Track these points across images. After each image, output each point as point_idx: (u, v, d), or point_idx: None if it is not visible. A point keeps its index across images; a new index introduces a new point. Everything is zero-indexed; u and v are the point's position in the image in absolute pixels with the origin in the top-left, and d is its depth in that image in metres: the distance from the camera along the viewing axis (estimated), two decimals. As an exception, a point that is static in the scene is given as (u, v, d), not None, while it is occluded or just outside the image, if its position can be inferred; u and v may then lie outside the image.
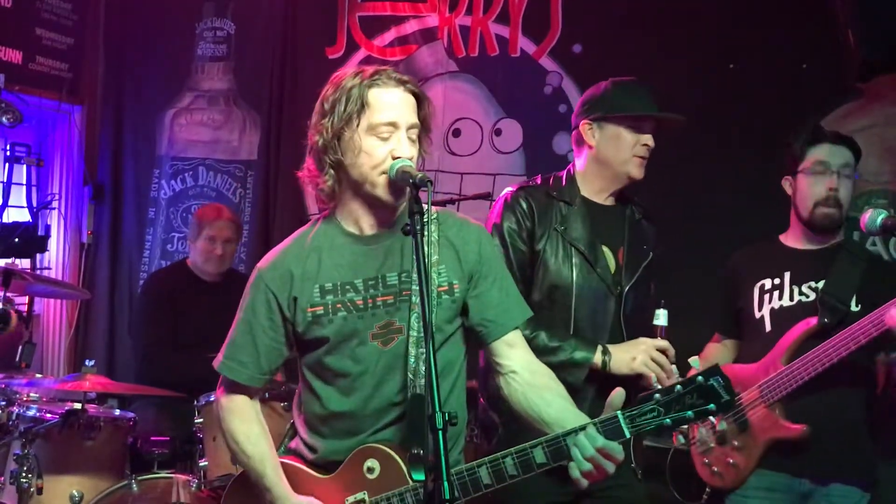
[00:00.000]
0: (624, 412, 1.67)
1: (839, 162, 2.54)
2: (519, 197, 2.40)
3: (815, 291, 2.55)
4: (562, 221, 2.38)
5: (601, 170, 2.42)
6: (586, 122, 2.42)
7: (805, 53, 3.61)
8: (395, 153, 1.81)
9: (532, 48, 4.09)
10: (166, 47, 4.75)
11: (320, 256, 1.91)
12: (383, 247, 1.90)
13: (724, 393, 1.60)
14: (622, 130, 2.37)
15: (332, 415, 1.92)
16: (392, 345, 1.88)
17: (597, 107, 2.42)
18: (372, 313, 1.88)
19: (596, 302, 2.37)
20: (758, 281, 2.64)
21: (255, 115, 4.60)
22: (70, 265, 4.68)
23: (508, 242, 2.36)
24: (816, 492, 2.51)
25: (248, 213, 4.57)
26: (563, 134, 4.03)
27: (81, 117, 4.74)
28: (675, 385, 1.65)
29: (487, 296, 1.93)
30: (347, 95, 1.83)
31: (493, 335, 1.94)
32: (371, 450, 1.87)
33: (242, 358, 1.95)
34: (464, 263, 1.92)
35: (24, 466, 2.84)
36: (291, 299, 1.89)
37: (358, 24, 4.38)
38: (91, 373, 3.11)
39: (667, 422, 1.63)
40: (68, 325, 4.63)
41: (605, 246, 2.41)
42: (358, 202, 1.89)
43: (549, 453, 1.71)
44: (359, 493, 1.86)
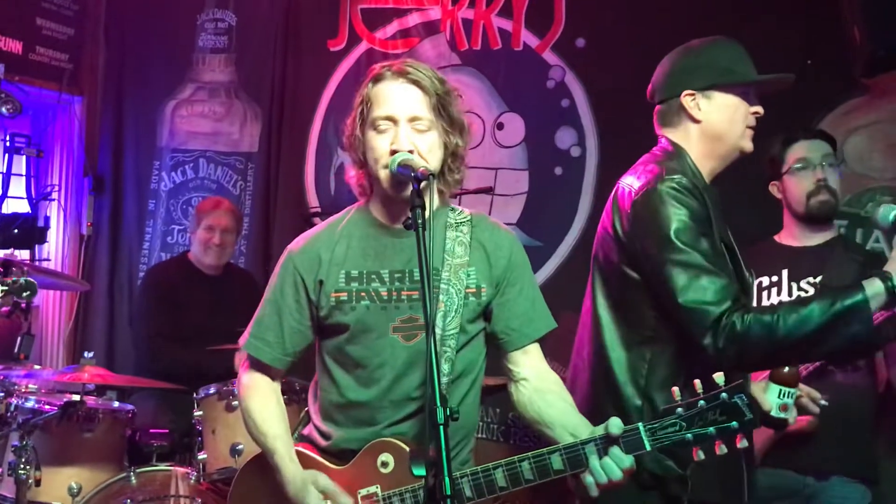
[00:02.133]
0: (646, 425, 1.66)
1: (819, 154, 2.62)
2: (677, 179, 1.95)
3: (814, 287, 2.57)
4: (708, 214, 1.99)
5: (712, 147, 2.07)
6: (689, 93, 2.05)
7: (810, 49, 3.58)
8: (392, 146, 1.83)
9: (535, 42, 4.07)
10: (167, 38, 4.73)
11: (349, 243, 1.93)
12: (413, 242, 1.86)
13: (748, 411, 1.57)
14: (735, 99, 2.05)
15: (348, 403, 1.93)
16: (415, 341, 1.88)
17: (703, 73, 2.05)
18: (395, 306, 1.88)
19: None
20: (755, 279, 2.65)
21: (256, 107, 4.58)
22: (70, 257, 4.67)
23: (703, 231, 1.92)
24: (821, 492, 2.51)
25: (248, 205, 4.56)
26: (566, 128, 4.02)
27: (81, 108, 4.73)
28: (698, 400, 1.61)
29: (514, 304, 1.93)
30: (360, 95, 1.90)
31: (515, 344, 1.94)
32: (386, 444, 1.87)
33: (268, 337, 1.97)
34: (494, 268, 1.92)
35: (23, 458, 2.83)
36: (318, 282, 1.91)
37: (360, 17, 4.35)
38: (90, 364, 3.11)
39: (688, 437, 1.60)
40: (67, 317, 4.62)
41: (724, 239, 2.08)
42: (382, 196, 1.92)
43: (566, 460, 1.71)
44: (371, 486, 1.86)
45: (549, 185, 4.02)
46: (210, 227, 3.74)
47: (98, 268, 4.69)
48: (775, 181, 2.69)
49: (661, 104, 2.14)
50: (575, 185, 3.98)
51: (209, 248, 3.75)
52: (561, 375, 3.44)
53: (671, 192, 1.94)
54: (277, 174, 4.47)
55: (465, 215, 1.96)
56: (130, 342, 4.36)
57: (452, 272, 1.87)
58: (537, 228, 4.05)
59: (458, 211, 1.98)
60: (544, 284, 3.99)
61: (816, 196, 2.59)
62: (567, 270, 3.96)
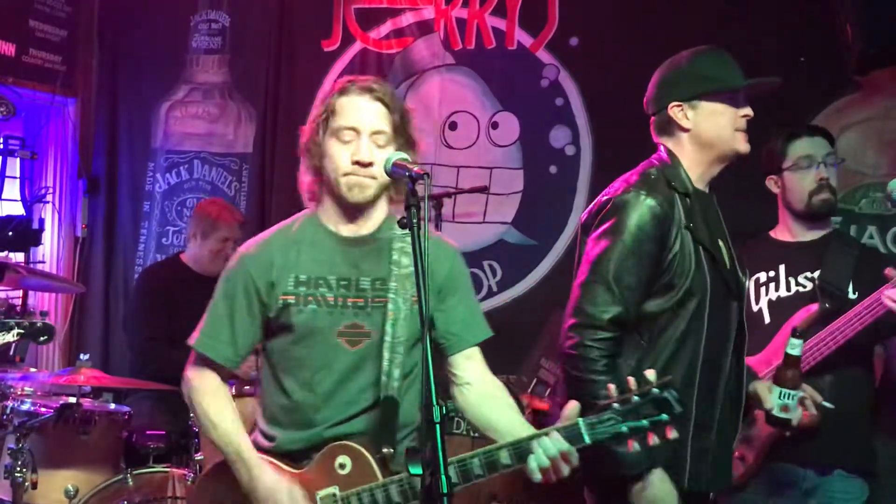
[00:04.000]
0: (585, 420, 1.76)
1: (822, 152, 2.62)
2: (646, 196, 2.06)
3: (812, 281, 2.59)
4: (687, 218, 2.08)
5: (704, 153, 2.15)
6: (676, 104, 2.14)
7: (803, 46, 3.60)
8: (354, 157, 1.91)
9: (529, 41, 4.07)
10: (161, 40, 4.72)
11: (300, 249, 2.00)
12: (360, 251, 2.00)
13: (677, 405, 1.71)
14: (720, 105, 2.12)
15: (293, 405, 1.99)
16: (359, 347, 1.97)
17: (687, 84, 2.14)
18: (341, 312, 1.96)
19: (721, 309, 2.12)
20: (752, 275, 2.66)
21: (251, 108, 4.57)
22: (64, 259, 4.66)
23: (633, 253, 2.04)
24: (820, 486, 2.52)
25: (243, 206, 4.55)
26: (560, 127, 4.03)
27: (75, 110, 4.71)
28: (632, 396, 1.73)
29: (454, 311, 2.03)
30: (322, 105, 1.99)
31: (456, 348, 2.04)
32: (343, 447, 1.93)
33: (221, 337, 2.01)
34: (435, 277, 2.00)
35: (19, 461, 2.83)
36: (269, 285, 1.97)
37: (354, 17, 4.35)
38: (86, 367, 3.11)
39: (623, 429, 1.72)
40: (63, 319, 4.61)
41: (720, 240, 2.16)
42: (334, 205, 2.00)
43: (513, 455, 1.79)
44: (329, 487, 1.91)
45: (544, 184, 4.03)
46: (226, 238, 3.72)
47: (93, 270, 4.68)
48: (773, 175, 2.68)
49: (654, 116, 2.23)
50: (569, 184, 3.99)
51: (219, 258, 3.71)
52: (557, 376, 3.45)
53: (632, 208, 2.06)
54: (272, 175, 4.46)
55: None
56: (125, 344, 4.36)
57: (399, 282, 1.96)
58: (532, 227, 4.06)
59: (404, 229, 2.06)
60: (539, 283, 4.01)
61: (818, 195, 2.59)
62: (561, 269, 3.97)
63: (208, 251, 3.73)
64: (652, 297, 2.07)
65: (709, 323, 2.08)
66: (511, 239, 4.09)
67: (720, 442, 2.14)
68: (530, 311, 3.92)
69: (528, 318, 3.85)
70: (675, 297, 2.06)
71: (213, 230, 3.73)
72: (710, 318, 2.08)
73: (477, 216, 4.11)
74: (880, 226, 3.49)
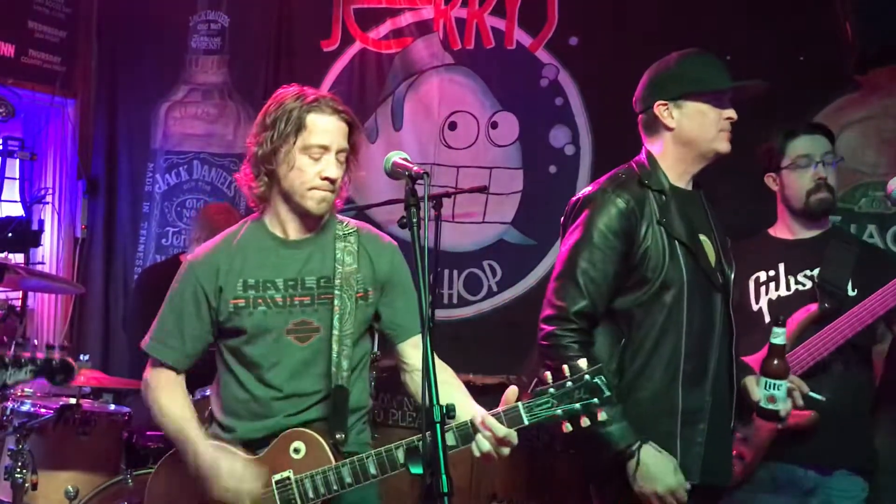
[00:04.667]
0: (523, 403, 1.87)
1: (821, 151, 2.62)
2: (615, 194, 2.17)
3: (811, 279, 2.58)
4: (661, 213, 2.17)
5: (685, 151, 2.24)
6: (661, 103, 2.23)
7: (802, 45, 3.60)
8: (323, 174, 2.03)
9: (528, 41, 4.07)
10: (160, 40, 4.72)
11: (246, 254, 2.11)
12: (305, 252, 2.11)
13: (606, 389, 1.83)
14: (704, 106, 2.21)
15: (250, 398, 2.10)
16: (309, 342, 2.08)
17: (673, 84, 2.23)
18: (289, 311, 2.08)
19: (703, 301, 2.18)
20: (752, 274, 2.66)
21: (250, 108, 4.56)
22: (64, 260, 4.66)
23: (599, 249, 2.14)
24: (820, 486, 2.52)
25: (242, 207, 4.53)
26: (560, 126, 4.02)
27: (75, 111, 4.71)
28: (566, 381, 1.84)
29: (397, 303, 2.17)
30: (288, 116, 2.04)
31: (402, 337, 2.17)
32: (298, 433, 2.04)
33: (169, 342, 2.15)
34: (377, 273, 2.15)
35: (19, 462, 2.84)
36: (217, 289, 2.09)
37: (353, 17, 4.35)
38: (85, 367, 3.11)
39: (558, 412, 1.84)
40: (62, 320, 4.61)
41: (702, 235, 2.24)
42: (286, 209, 2.10)
43: (458, 437, 1.90)
44: (284, 471, 2.00)
45: (544, 184, 4.02)
46: None
47: (93, 270, 4.68)
48: (772, 174, 2.68)
49: (641, 114, 2.32)
50: (569, 184, 3.99)
51: None
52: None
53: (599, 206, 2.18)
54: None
55: (351, 227, 2.17)
56: (125, 345, 4.36)
57: (343, 279, 2.08)
58: (532, 227, 4.05)
59: (345, 224, 2.18)
60: (539, 283, 4.00)
61: (816, 194, 2.59)
62: (562, 269, 3.97)
63: None
64: (627, 291, 2.16)
65: (688, 316, 2.14)
66: (511, 239, 4.08)
67: (712, 434, 2.17)
68: (530, 311, 3.85)
69: (528, 317, 3.79)
70: (650, 290, 2.14)
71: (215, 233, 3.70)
72: (689, 312, 2.14)
73: (476, 216, 4.11)
74: (880, 224, 3.48)
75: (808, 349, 2.45)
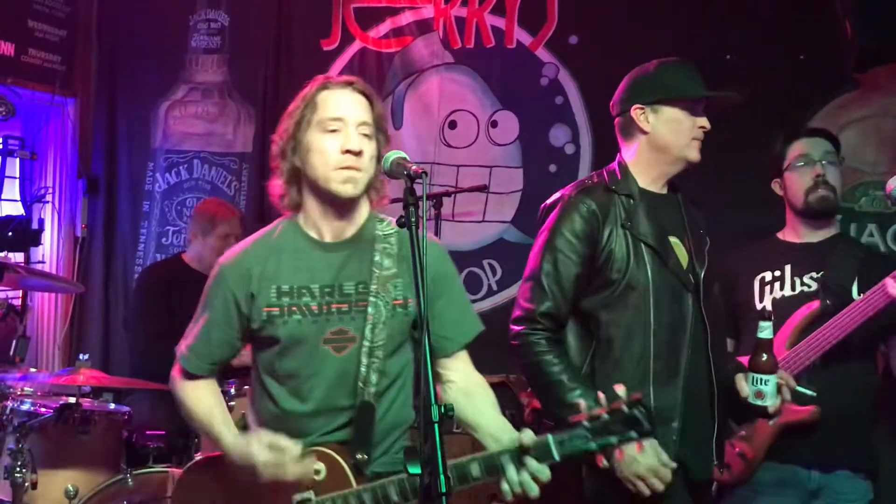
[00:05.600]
0: (555, 436, 1.74)
1: (820, 151, 2.64)
2: (578, 199, 2.24)
3: (816, 281, 2.59)
4: (627, 217, 2.22)
5: (658, 156, 2.28)
6: (638, 107, 2.28)
7: (802, 44, 3.60)
8: (345, 146, 1.87)
9: (528, 39, 4.07)
10: (160, 39, 4.71)
11: (280, 258, 1.96)
12: (342, 255, 1.96)
13: (646, 422, 1.71)
14: (679, 113, 2.25)
15: (283, 414, 1.97)
16: (345, 352, 1.93)
17: (650, 89, 2.28)
18: (326, 319, 1.93)
19: (672, 300, 2.21)
20: (757, 274, 2.67)
21: (250, 107, 4.57)
22: (64, 259, 4.65)
23: (561, 252, 2.20)
24: (825, 487, 2.52)
25: (242, 206, 4.54)
26: (560, 125, 4.03)
27: (75, 110, 4.70)
28: (601, 414, 1.74)
29: (443, 314, 1.98)
30: (301, 102, 1.94)
31: (447, 350, 2.01)
32: (318, 453, 1.90)
33: (197, 350, 2.02)
34: None
35: (19, 461, 2.83)
36: (249, 296, 1.95)
37: (353, 16, 4.35)
38: (85, 367, 3.10)
39: (592, 446, 1.73)
40: (63, 319, 4.61)
41: (672, 237, 2.28)
42: (317, 205, 1.96)
43: (484, 468, 1.77)
44: (306, 492, 1.89)
45: (544, 183, 4.01)
46: (227, 235, 3.73)
47: (93, 270, 4.67)
48: (777, 179, 2.71)
49: (618, 117, 2.36)
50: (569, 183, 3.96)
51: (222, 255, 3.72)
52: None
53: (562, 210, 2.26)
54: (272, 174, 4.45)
55: (392, 227, 1.98)
56: (126, 344, 4.36)
57: (380, 284, 1.92)
58: (532, 226, 3.98)
59: (386, 223, 2.01)
60: (539, 282, 4.00)
61: (815, 192, 2.60)
62: (562, 268, 3.97)
63: (210, 249, 3.74)
64: (593, 292, 2.21)
65: (655, 317, 2.17)
66: (511, 238, 4.09)
67: (688, 431, 2.18)
68: (530, 310, 3.92)
69: (528, 316, 3.85)
70: (615, 291, 2.19)
71: (212, 227, 3.75)
72: (656, 311, 2.18)
73: (476, 215, 4.11)
74: (880, 224, 3.49)
75: (809, 344, 2.46)
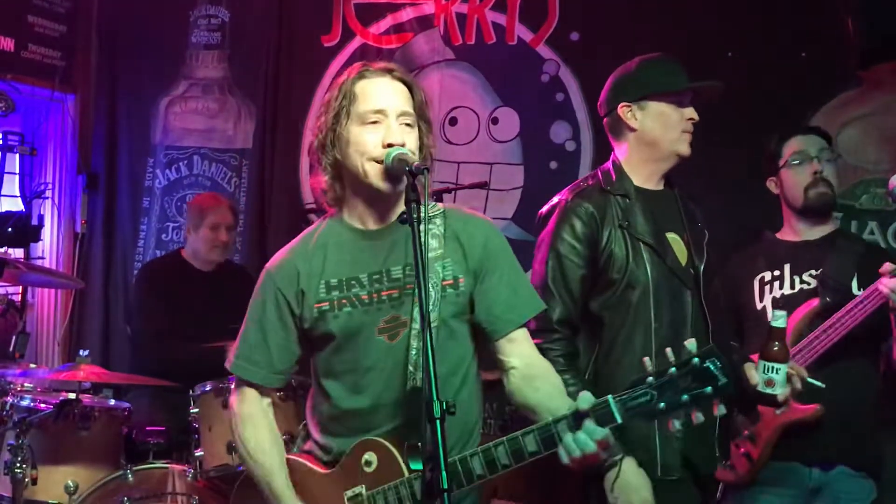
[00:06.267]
0: (615, 397, 1.63)
1: (816, 148, 2.64)
2: (574, 203, 2.24)
3: (816, 279, 2.58)
4: (623, 216, 2.21)
5: (649, 152, 2.28)
6: (625, 105, 2.28)
7: (804, 41, 3.59)
8: (387, 140, 1.81)
9: (529, 36, 4.07)
10: (160, 35, 4.71)
11: (325, 253, 1.92)
12: (388, 241, 1.90)
13: (722, 375, 1.52)
14: (666, 107, 2.25)
15: (343, 413, 1.92)
16: (398, 339, 1.87)
17: (634, 86, 2.28)
18: (377, 308, 1.87)
19: (672, 298, 2.20)
20: (757, 274, 2.67)
21: (250, 103, 4.57)
22: (64, 255, 4.66)
23: (565, 256, 2.19)
24: (827, 486, 2.52)
25: (243, 202, 4.55)
26: (561, 122, 4.02)
27: (75, 106, 4.71)
28: (668, 368, 1.58)
29: (494, 292, 1.90)
30: (338, 93, 1.87)
31: (500, 332, 1.91)
32: (370, 443, 1.86)
33: (255, 357, 1.95)
34: (469, 259, 1.90)
35: (19, 457, 2.84)
36: (300, 294, 1.91)
37: (353, 12, 4.34)
38: (85, 363, 3.10)
39: (661, 406, 1.56)
40: (62, 315, 4.61)
41: (670, 233, 2.27)
42: (359, 197, 1.90)
43: (540, 441, 1.69)
44: (357, 486, 1.86)
45: (544, 180, 4.02)
46: (215, 224, 3.74)
47: (93, 266, 4.68)
48: (773, 177, 2.70)
49: (606, 117, 2.36)
50: (570, 180, 3.87)
51: (216, 245, 3.74)
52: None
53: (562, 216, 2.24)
54: (272, 170, 4.46)
55: (437, 208, 1.95)
56: (126, 340, 4.36)
57: (428, 265, 1.81)
58: (532, 223, 3.99)
59: (431, 205, 1.89)
60: (540, 279, 4.01)
61: (815, 188, 2.60)
62: (562, 265, 3.97)
63: (202, 241, 3.75)
64: (596, 294, 2.20)
65: (656, 314, 2.16)
66: (511, 234, 4.07)
67: (691, 427, 2.06)
68: (530, 307, 3.92)
69: (528, 314, 3.85)
70: (616, 291, 2.18)
71: (201, 219, 3.75)
72: (656, 309, 2.17)
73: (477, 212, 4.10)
74: (881, 221, 3.48)
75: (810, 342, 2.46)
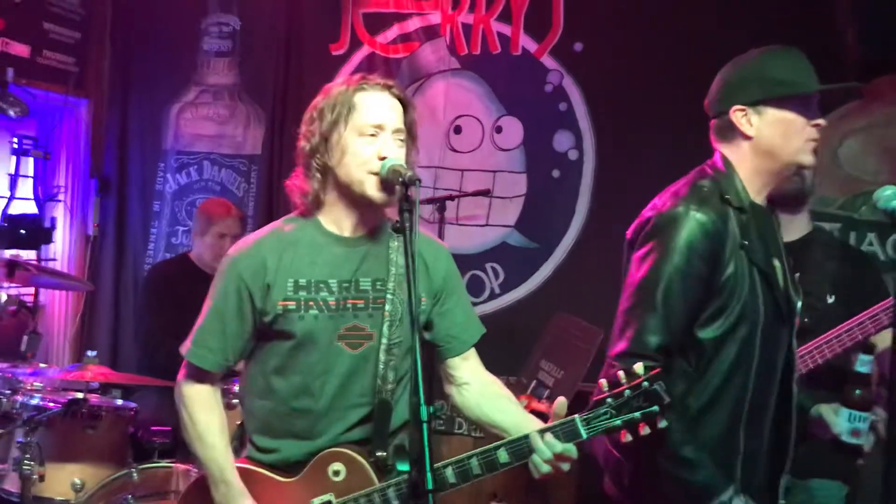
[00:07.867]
0: (581, 416, 1.77)
1: None
2: (696, 212, 1.85)
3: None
4: (742, 235, 1.88)
5: (766, 163, 1.93)
6: (739, 108, 1.92)
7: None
8: (382, 153, 1.86)
9: (533, 46, 4.11)
10: (172, 42, 4.78)
11: (296, 251, 1.92)
12: (361, 251, 1.94)
13: (666, 396, 1.73)
14: (790, 113, 1.90)
15: (291, 412, 1.93)
16: (361, 349, 1.92)
17: (754, 87, 1.91)
18: (342, 315, 1.91)
19: (772, 336, 1.92)
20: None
21: (260, 110, 4.63)
22: (75, 257, 4.72)
23: (683, 273, 1.83)
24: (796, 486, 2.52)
25: (251, 207, 4.61)
26: (564, 131, 4.06)
27: (88, 111, 4.77)
28: (624, 390, 1.75)
29: (453, 313, 2.03)
30: (335, 101, 1.90)
31: (455, 351, 2.04)
32: (336, 454, 1.90)
33: (211, 344, 1.94)
34: (433, 280, 2.00)
35: (27, 454, 2.88)
36: (265, 287, 1.89)
37: (361, 21, 4.40)
38: (93, 363, 3.16)
39: (617, 423, 1.76)
40: (73, 316, 4.67)
41: (775, 260, 1.96)
42: (343, 203, 1.93)
43: (511, 453, 1.80)
44: (325, 495, 1.88)
45: (547, 188, 4.06)
46: (222, 234, 3.79)
47: (103, 268, 4.74)
48: None
49: (714, 119, 2.01)
50: (572, 188, 4.02)
51: (220, 255, 3.78)
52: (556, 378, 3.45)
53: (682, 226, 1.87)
54: (280, 176, 4.50)
55: None
56: (133, 340, 4.41)
57: (397, 282, 1.91)
58: (535, 231, 4.09)
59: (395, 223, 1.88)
60: (541, 286, 4.05)
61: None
62: (563, 273, 4.01)
63: (207, 248, 3.81)
64: (703, 322, 1.87)
65: (760, 352, 1.90)
66: (514, 242, 4.12)
67: (761, 472, 1.99)
68: (531, 314, 3.96)
69: (530, 320, 3.89)
70: (727, 322, 1.87)
71: (208, 226, 3.81)
72: (761, 347, 1.90)
73: (480, 219, 4.15)
74: (879, 232, 3.49)
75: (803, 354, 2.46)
